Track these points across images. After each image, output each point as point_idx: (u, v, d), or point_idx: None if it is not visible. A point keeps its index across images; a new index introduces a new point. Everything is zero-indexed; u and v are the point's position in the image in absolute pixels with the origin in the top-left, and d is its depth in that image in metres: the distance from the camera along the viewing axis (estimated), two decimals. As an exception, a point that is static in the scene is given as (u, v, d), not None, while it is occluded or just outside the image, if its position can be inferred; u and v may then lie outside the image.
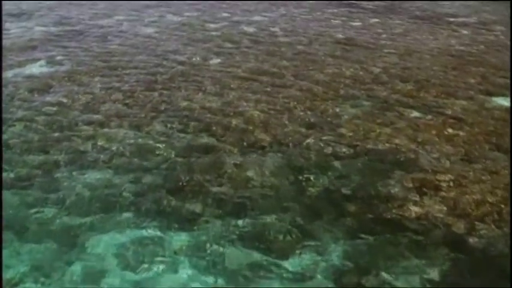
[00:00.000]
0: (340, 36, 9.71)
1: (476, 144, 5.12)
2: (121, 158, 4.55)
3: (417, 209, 3.97)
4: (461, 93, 6.64)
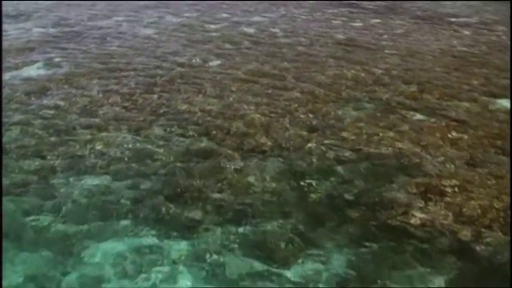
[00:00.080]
0: (341, 37, 9.63)
1: (480, 148, 5.03)
2: (119, 163, 4.45)
3: (422, 215, 3.88)
4: (465, 95, 6.55)
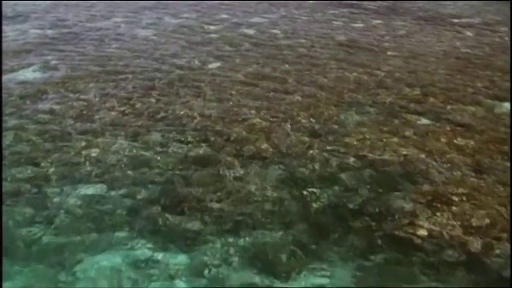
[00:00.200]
0: (343, 38, 9.48)
1: (487, 154, 4.89)
2: (115, 170, 4.32)
3: (429, 225, 3.74)
4: (469, 99, 6.41)
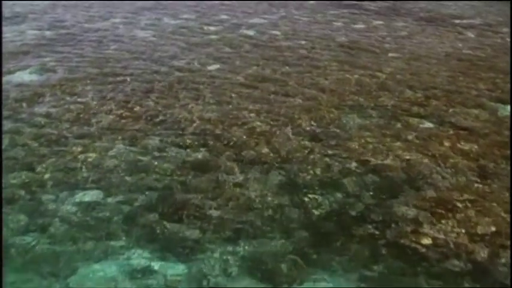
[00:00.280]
0: (343, 39, 9.39)
1: (491, 158, 4.80)
2: (112, 176, 4.22)
3: (433, 233, 3.65)
4: (473, 101, 6.32)
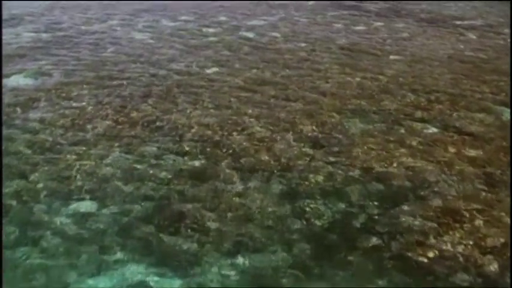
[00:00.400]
0: (344, 41, 9.26)
1: (498, 165, 4.67)
2: (108, 185, 4.09)
3: (440, 245, 3.52)
4: (477, 105, 6.19)
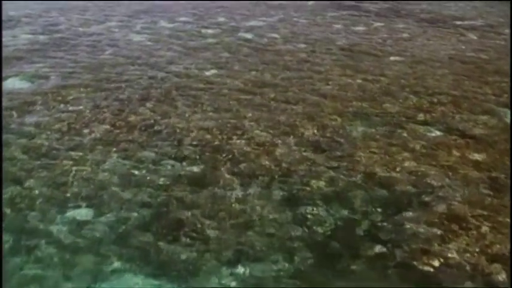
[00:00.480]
0: (344, 42, 9.17)
1: (503, 169, 4.58)
2: (105, 192, 4.00)
3: (446, 253, 3.43)
4: (480, 107, 6.10)
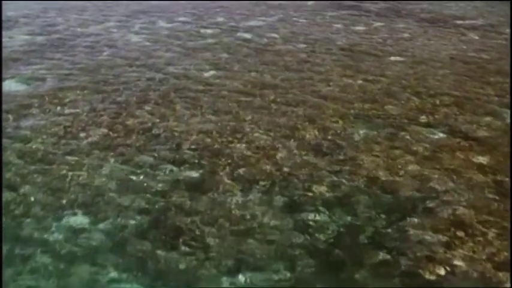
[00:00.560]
0: (344, 42, 9.09)
1: (507, 173, 4.49)
2: (102, 198, 3.90)
3: (451, 260, 3.34)
4: (483, 108, 6.02)
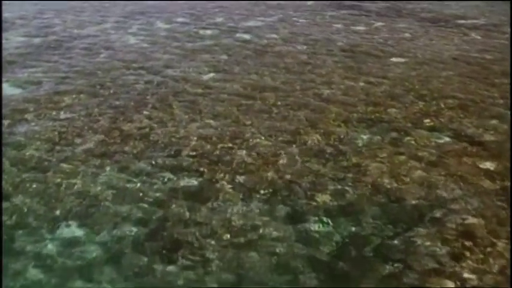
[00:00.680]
0: (345, 42, 8.97)
1: (516, 178, 4.39)
2: (97, 209, 3.77)
3: (461, 271, 3.22)
4: (488, 111, 5.89)
